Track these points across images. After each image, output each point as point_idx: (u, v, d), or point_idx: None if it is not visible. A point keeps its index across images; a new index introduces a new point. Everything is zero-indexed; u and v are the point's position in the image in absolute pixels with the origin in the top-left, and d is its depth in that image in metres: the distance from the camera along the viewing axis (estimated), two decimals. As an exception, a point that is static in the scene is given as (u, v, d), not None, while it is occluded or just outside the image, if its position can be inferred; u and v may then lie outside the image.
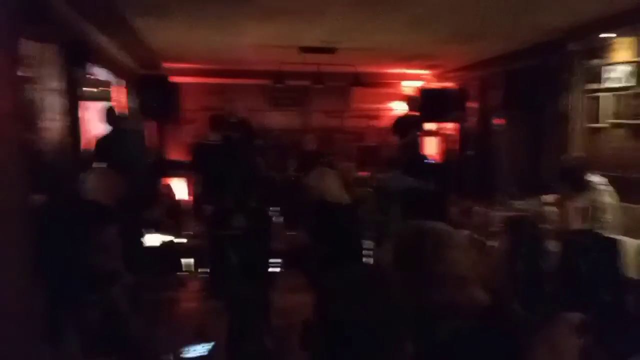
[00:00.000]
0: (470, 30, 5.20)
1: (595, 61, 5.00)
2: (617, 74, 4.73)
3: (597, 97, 4.99)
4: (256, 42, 5.84)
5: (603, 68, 4.87)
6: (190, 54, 7.09)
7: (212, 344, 1.70)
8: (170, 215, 4.85)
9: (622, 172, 4.63)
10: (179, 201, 6.63)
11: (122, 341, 1.70)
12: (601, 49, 4.92)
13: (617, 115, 4.77)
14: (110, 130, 4.95)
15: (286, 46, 5.96)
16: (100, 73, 5.74)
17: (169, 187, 6.92)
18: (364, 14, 4.58)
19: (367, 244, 4.36)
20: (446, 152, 8.52)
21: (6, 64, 0.76)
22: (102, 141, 4.83)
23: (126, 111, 7.12)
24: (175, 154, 7.87)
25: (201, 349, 1.74)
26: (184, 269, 3.60)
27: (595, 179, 3.85)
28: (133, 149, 4.83)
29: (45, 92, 3.94)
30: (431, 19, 4.67)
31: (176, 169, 7.03)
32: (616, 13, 4.39)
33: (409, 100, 7.36)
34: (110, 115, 4.95)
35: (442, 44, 5.95)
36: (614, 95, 4.79)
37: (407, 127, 6.99)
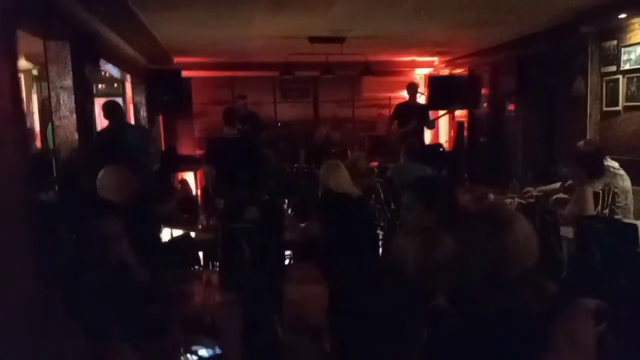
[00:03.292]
0: (480, 15, 5.11)
1: (612, 43, 4.88)
2: (635, 56, 4.61)
3: (614, 80, 4.89)
4: (264, 33, 5.82)
5: (622, 49, 4.75)
6: (199, 48, 7.09)
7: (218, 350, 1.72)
8: (184, 210, 4.87)
9: (639, 156, 4.54)
10: (195, 196, 6.67)
11: (138, 328, 1.73)
12: (618, 30, 4.80)
13: (635, 98, 4.67)
14: (109, 124, 4.95)
15: (294, 37, 5.93)
16: (112, 70, 5.79)
17: (184, 181, 6.97)
18: (372, 2, 4.53)
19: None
20: (457, 140, 8.44)
21: (3, 61, 0.76)
22: (101, 135, 4.83)
23: (140, 106, 7.18)
24: (187, 148, 7.92)
25: (209, 351, 1.75)
26: (200, 263, 3.63)
27: (612, 163, 3.79)
28: (133, 142, 4.83)
29: (58, 89, 3.99)
30: (439, 4, 4.60)
31: (188, 163, 7.06)
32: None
33: (408, 87, 7.22)
34: (109, 110, 4.94)
35: (451, 30, 5.87)
36: (632, 77, 4.68)
37: (407, 116, 6.86)
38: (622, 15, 4.62)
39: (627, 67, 4.72)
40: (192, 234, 3.83)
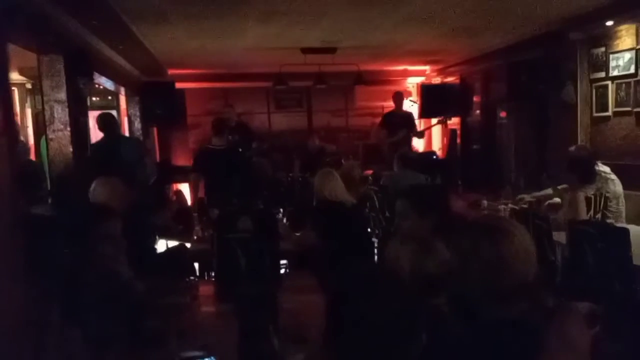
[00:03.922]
0: (470, 24, 5.17)
1: (600, 49, 4.96)
2: (624, 62, 4.68)
3: (604, 86, 4.95)
4: (257, 44, 5.86)
5: (610, 56, 4.82)
6: (193, 60, 7.13)
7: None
8: (179, 220, 4.86)
9: (630, 160, 4.59)
10: (190, 206, 6.65)
11: (134, 339, 1.73)
12: (605, 37, 4.88)
13: (624, 103, 4.73)
14: (103, 137, 4.93)
15: (287, 48, 5.97)
16: (106, 82, 5.81)
17: (179, 192, 6.95)
18: (363, 13, 4.58)
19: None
20: (450, 147, 8.49)
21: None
22: (96, 148, 4.81)
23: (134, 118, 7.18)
24: (182, 159, 7.92)
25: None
26: (196, 273, 3.62)
27: (603, 168, 3.83)
28: (128, 155, 4.81)
29: (52, 103, 3.99)
30: (430, 14, 4.66)
31: (183, 175, 7.05)
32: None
33: (394, 96, 7.30)
34: (103, 122, 4.92)
35: (442, 39, 5.94)
36: (621, 83, 4.74)
37: (395, 124, 6.93)
38: (610, 23, 4.70)
39: (615, 73, 4.79)
40: (188, 245, 3.83)
